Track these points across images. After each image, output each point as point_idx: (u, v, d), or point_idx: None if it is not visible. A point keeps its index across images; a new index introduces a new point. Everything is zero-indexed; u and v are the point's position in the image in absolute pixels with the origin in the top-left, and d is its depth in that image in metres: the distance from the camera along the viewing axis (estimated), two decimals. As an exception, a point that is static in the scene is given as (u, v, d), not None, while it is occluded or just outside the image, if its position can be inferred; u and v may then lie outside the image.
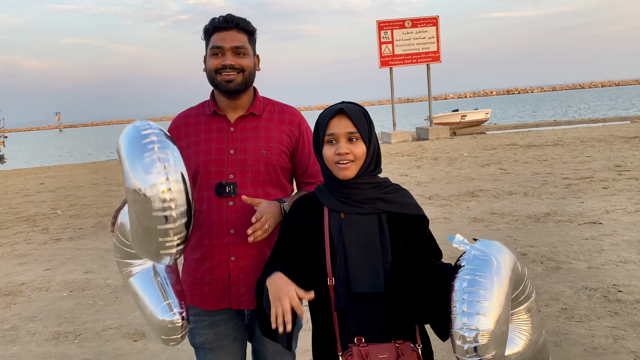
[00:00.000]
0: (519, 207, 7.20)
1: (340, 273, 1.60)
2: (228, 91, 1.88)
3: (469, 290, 1.35)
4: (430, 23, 20.54)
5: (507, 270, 1.40)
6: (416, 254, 1.65)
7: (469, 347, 1.32)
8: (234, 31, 1.87)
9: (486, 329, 1.32)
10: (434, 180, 10.08)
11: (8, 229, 8.60)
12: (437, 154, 14.61)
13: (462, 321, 1.33)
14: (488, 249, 1.43)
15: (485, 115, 27.85)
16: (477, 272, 1.37)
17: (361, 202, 1.63)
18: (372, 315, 1.61)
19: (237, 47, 1.86)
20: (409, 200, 1.69)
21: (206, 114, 1.96)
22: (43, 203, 11.23)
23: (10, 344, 3.98)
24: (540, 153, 12.70)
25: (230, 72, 1.85)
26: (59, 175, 17.37)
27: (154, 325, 1.66)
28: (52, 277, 5.63)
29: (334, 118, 1.62)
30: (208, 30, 1.90)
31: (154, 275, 1.67)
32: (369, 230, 1.61)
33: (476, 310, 1.32)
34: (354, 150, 1.61)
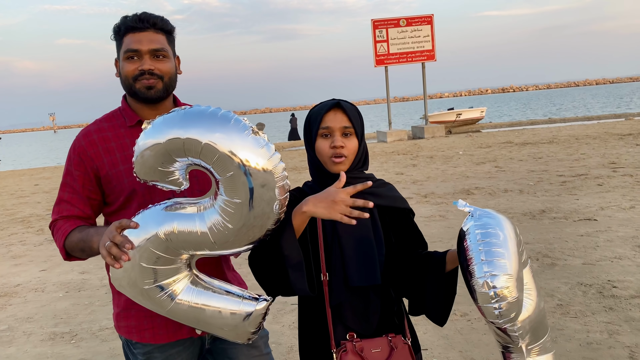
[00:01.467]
0: (515, 204, 7.22)
1: (337, 268, 1.60)
2: (148, 99, 1.68)
3: (483, 240, 1.39)
4: (425, 22, 20.56)
5: (510, 225, 1.48)
6: (405, 245, 1.70)
7: (493, 292, 1.35)
8: (151, 31, 1.66)
9: (507, 272, 1.36)
10: (429, 178, 10.10)
11: (3, 230, 8.57)
12: (432, 152, 14.64)
13: (482, 269, 1.36)
14: (489, 210, 1.51)
15: (480, 114, 27.91)
16: (488, 226, 1.43)
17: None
18: (368, 309, 1.62)
19: (155, 49, 1.66)
20: (396, 194, 1.73)
21: (127, 125, 1.73)
22: (38, 204, 11.19)
23: (6, 345, 3.97)
24: (536, 151, 12.74)
25: (149, 77, 1.66)
26: (53, 176, 17.29)
27: (240, 326, 1.52)
28: (47, 278, 5.62)
29: (329, 112, 1.63)
30: (119, 30, 1.68)
31: (200, 283, 1.53)
32: (363, 224, 1.62)
33: (495, 256, 1.37)
34: (347, 145, 1.62)
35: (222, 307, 1.50)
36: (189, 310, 1.50)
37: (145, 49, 1.65)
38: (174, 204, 1.46)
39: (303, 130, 1.72)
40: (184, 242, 1.43)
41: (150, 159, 1.39)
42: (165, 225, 1.42)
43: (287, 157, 17.00)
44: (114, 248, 1.39)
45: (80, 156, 1.70)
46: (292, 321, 3.94)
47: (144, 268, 1.44)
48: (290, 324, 3.90)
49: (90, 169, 1.69)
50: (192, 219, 1.42)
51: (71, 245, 1.64)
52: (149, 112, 1.73)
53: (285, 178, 1.41)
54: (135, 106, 1.75)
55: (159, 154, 1.38)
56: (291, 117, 28.22)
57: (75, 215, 1.70)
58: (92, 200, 1.72)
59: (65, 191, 1.72)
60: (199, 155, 1.36)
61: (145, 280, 1.46)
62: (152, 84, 1.67)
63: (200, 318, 1.51)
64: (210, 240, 1.42)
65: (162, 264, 1.45)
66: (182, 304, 1.49)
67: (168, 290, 1.48)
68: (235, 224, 1.39)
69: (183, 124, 1.36)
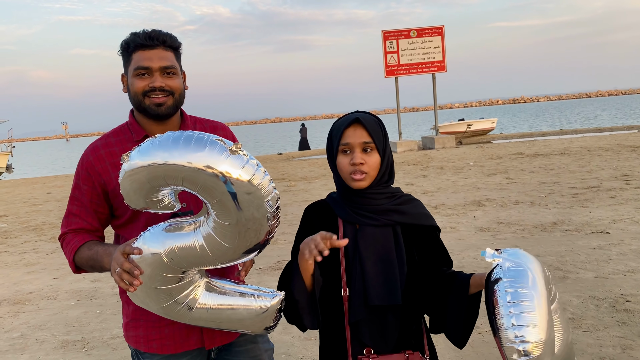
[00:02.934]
0: (526, 216, 7.18)
1: (357, 285, 1.59)
2: (159, 115, 1.71)
3: (513, 303, 1.36)
4: (435, 33, 20.61)
5: (541, 277, 1.43)
6: (429, 263, 1.68)
7: (525, 359, 1.33)
8: (161, 49, 1.69)
9: (539, 339, 1.33)
10: (440, 189, 10.08)
11: (16, 238, 8.66)
12: (443, 163, 14.61)
13: (513, 334, 1.34)
14: (519, 259, 1.46)
15: (491, 125, 27.83)
16: (517, 284, 1.38)
17: (376, 213, 1.63)
18: (386, 328, 1.61)
19: (166, 67, 1.69)
20: (422, 211, 1.70)
21: (134, 140, 1.74)
22: (50, 212, 11.30)
23: (19, 352, 4.00)
24: (547, 162, 12.68)
25: (159, 94, 1.68)
26: (65, 185, 17.45)
27: (257, 320, 1.59)
28: (60, 286, 5.67)
29: (349, 127, 1.62)
30: (128, 47, 1.70)
31: (215, 288, 1.58)
32: (385, 242, 1.62)
33: (526, 321, 1.34)
34: (368, 161, 1.60)
35: (239, 306, 1.57)
36: (208, 315, 1.56)
37: (156, 66, 1.68)
38: (173, 224, 1.50)
39: (326, 145, 1.72)
40: (186, 260, 1.47)
41: (135, 189, 1.41)
42: (167, 245, 1.45)
43: (297, 167, 17.04)
44: (124, 274, 1.42)
45: (88, 171, 1.73)
46: (302, 332, 3.94)
47: (157, 290, 1.49)
48: (300, 335, 3.90)
49: (97, 184, 1.72)
50: (189, 238, 1.45)
51: (81, 261, 1.68)
52: (157, 127, 1.75)
53: (273, 190, 1.42)
54: (143, 121, 1.77)
55: (142, 184, 1.40)
56: (301, 127, 28.32)
57: (83, 229, 1.73)
58: (100, 214, 1.75)
59: (74, 205, 1.75)
60: (181, 183, 1.38)
61: (161, 300, 1.51)
62: (162, 101, 1.70)
63: (219, 320, 1.57)
64: (209, 256, 1.46)
65: (173, 282, 1.49)
66: (201, 311, 1.55)
67: (185, 302, 1.53)
68: (229, 242, 1.44)
69: (159, 153, 1.35)
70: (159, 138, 1.39)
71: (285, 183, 12.86)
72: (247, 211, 1.38)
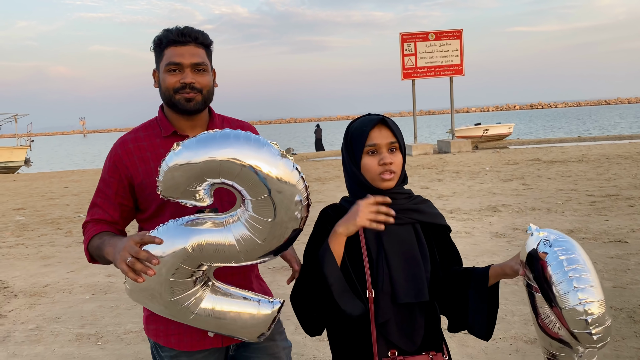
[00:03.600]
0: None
1: (384, 285, 1.58)
2: (188, 111, 1.74)
3: (571, 267, 1.41)
4: (454, 36, 20.50)
5: (582, 248, 1.51)
6: (443, 262, 1.71)
7: (591, 318, 1.37)
8: (193, 45, 1.72)
9: (601, 297, 1.39)
10: (455, 193, 10.01)
11: (33, 231, 8.78)
12: (458, 167, 14.51)
13: (577, 296, 1.37)
14: (560, 233, 1.54)
15: (508, 130, 27.62)
16: (569, 251, 1.44)
17: (397, 213, 1.62)
18: (413, 326, 1.61)
19: (197, 63, 1.72)
20: (435, 211, 1.74)
21: (162, 135, 1.77)
22: (67, 206, 11.43)
23: (34, 343, 4.05)
24: (564, 169, 12.53)
25: (190, 91, 1.71)
26: (82, 180, 17.67)
27: (256, 326, 1.61)
28: (75, 280, 5.73)
29: (374, 128, 1.63)
30: (161, 43, 1.73)
31: (219, 291, 1.59)
32: (408, 240, 1.63)
33: (587, 283, 1.39)
34: (395, 161, 1.62)
35: (242, 311, 1.58)
36: (210, 318, 1.56)
37: (187, 63, 1.71)
38: (197, 219, 1.51)
39: (344, 147, 1.70)
40: (211, 255, 1.48)
41: (181, 179, 1.43)
42: (193, 239, 1.46)
43: (311, 168, 17.05)
44: (137, 263, 1.41)
45: (116, 164, 1.75)
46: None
47: (170, 282, 1.50)
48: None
49: (124, 177, 1.74)
50: (219, 233, 1.47)
51: (92, 249, 1.70)
52: (185, 123, 1.78)
53: (307, 196, 1.49)
54: (172, 117, 1.79)
55: (192, 175, 1.42)
56: (316, 128, 28.34)
57: (104, 220, 1.76)
58: (124, 207, 1.77)
59: (99, 196, 1.78)
60: (234, 178, 1.41)
61: (171, 294, 1.51)
62: (192, 97, 1.72)
63: (220, 323, 1.58)
64: (237, 252, 1.47)
65: (186, 275, 1.50)
66: (203, 312, 1.55)
67: (191, 301, 1.54)
68: (262, 238, 1.46)
69: (219, 147, 1.40)
70: (216, 133, 1.43)
71: (300, 183, 12.85)
72: (286, 213, 1.45)
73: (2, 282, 5.75)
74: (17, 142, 27.54)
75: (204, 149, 1.40)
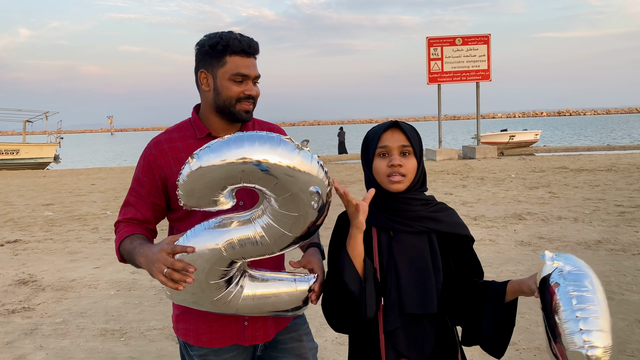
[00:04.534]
0: (568, 232, 6.98)
1: (392, 293, 1.58)
2: (244, 120, 1.78)
3: (580, 307, 1.32)
4: (481, 41, 20.30)
5: (599, 282, 1.41)
6: (461, 273, 1.66)
7: None
8: (254, 58, 1.77)
9: (608, 344, 1.30)
10: (480, 200, 9.90)
11: (61, 227, 8.96)
12: (483, 173, 14.35)
13: (582, 339, 1.29)
14: (578, 263, 1.43)
15: (534, 137, 27.20)
16: (582, 288, 1.35)
17: (411, 220, 1.62)
18: (422, 337, 1.58)
19: (257, 76, 1.78)
20: (457, 220, 1.68)
21: (197, 137, 1.79)
22: (94, 203, 11.65)
23: (60, 337, 4.14)
24: (592, 178, 12.29)
25: (250, 102, 1.76)
26: (109, 177, 17.98)
27: (295, 302, 1.67)
28: (100, 276, 5.83)
29: (387, 131, 1.64)
30: (225, 48, 1.71)
31: (256, 278, 1.65)
32: (420, 249, 1.60)
33: (595, 326, 1.30)
34: (406, 164, 1.61)
35: (281, 292, 1.65)
36: (254, 304, 1.63)
37: (253, 75, 1.76)
38: (224, 220, 1.54)
39: (361, 151, 1.73)
40: (245, 251, 1.52)
41: (202, 191, 1.46)
42: (225, 239, 1.50)
43: (334, 171, 17.05)
44: (175, 274, 1.46)
45: (150, 164, 1.78)
46: (335, 336, 3.93)
47: (211, 284, 1.54)
48: (333, 339, 3.89)
49: (158, 177, 1.77)
50: (249, 229, 1.51)
51: (123, 252, 1.74)
52: (224, 126, 1.81)
53: (330, 184, 1.53)
54: (212, 119, 1.80)
55: (212, 184, 1.44)
56: (339, 131, 28.32)
57: (135, 219, 1.79)
58: (156, 206, 1.80)
59: (132, 195, 1.82)
60: (257, 181, 1.43)
61: (214, 293, 1.56)
62: (250, 109, 1.78)
63: (264, 306, 1.65)
64: (268, 244, 1.52)
65: (225, 275, 1.55)
66: (246, 301, 1.62)
67: (233, 295, 1.59)
68: (289, 230, 1.50)
69: (236, 147, 1.42)
70: (229, 138, 1.45)
71: (322, 186, 12.86)
72: (309, 205, 1.47)
73: (31, 276, 5.89)
74: (47, 139, 28.16)
75: (219, 154, 1.42)
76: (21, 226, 9.10)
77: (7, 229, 8.87)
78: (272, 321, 1.83)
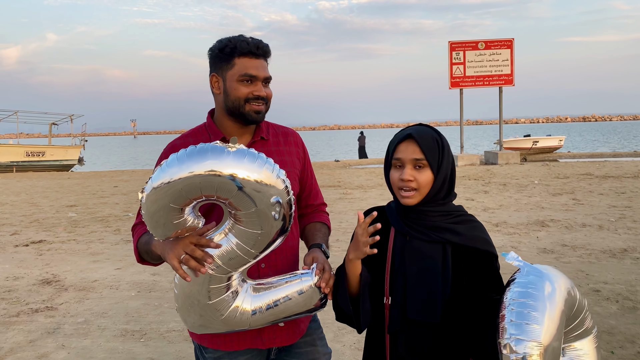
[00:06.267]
0: (593, 240, 6.84)
1: (398, 296, 1.58)
2: (255, 121, 1.79)
3: (518, 300, 1.31)
4: (504, 45, 20.10)
5: (561, 289, 1.35)
6: (477, 288, 1.59)
7: (515, 357, 1.26)
8: (263, 59, 1.78)
9: (536, 339, 1.26)
10: (502, 206, 9.77)
11: (84, 228, 9.11)
12: (506, 179, 14.17)
13: (509, 331, 1.28)
14: (542, 268, 1.40)
15: (558, 142, 26.79)
16: (529, 285, 1.33)
17: (428, 228, 1.60)
18: (424, 344, 1.57)
19: (267, 77, 1.78)
20: (479, 234, 1.62)
21: (211, 141, 1.73)
22: (116, 205, 11.82)
23: (82, 337, 4.19)
24: (618, 185, 12.04)
25: (260, 102, 1.76)
26: (132, 180, 18.23)
27: (309, 298, 1.66)
28: (122, 277, 5.90)
29: (402, 142, 1.61)
30: (234, 50, 1.74)
31: (261, 288, 1.65)
32: (431, 258, 1.58)
33: (525, 319, 1.28)
34: (418, 178, 1.58)
35: (289, 293, 1.64)
36: (265, 314, 1.62)
37: (262, 76, 1.76)
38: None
39: (385, 157, 1.72)
40: (230, 264, 1.53)
41: (162, 210, 1.45)
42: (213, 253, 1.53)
43: (354, 175, 17.01)
44: (192, 261, 1.46)
45: None
46: (353, 342, 3.91)
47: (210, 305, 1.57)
48: (351, 344, 3.87)
49: None
50: (225, 242, 1.52)
51: (140, 247, 1.75)
52: (238, 129, 1.82)
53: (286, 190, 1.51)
54: (226, 123, 1.82)
55: (172, 197, 1.43)
56: (360, 135, 28.29)
57: None
58: None
59: None
60: (215, 192, 1.43)
61: (218, 313, 1.59)
62: (261, 109, 1.77)
63: (279, 313, 1.64)
64: (249, 250, 1.52)
65: (222, 292, 1.57)
66: (257, 314, 1.61)
67: (239, 310, 1.60)
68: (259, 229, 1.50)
69: (188, 165, 1.41)
70: (181, 153, 1.46)
71: (341, 190, 12.86)
72: (260, 201, 1.46)
73: (54, 276, 5.99)
74: (72, 141, 28.71)
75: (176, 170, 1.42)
76: (46, 227, 9.28)
77: (32, 230, 9.04)
78: (291, 324, 1.82)
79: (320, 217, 1.99)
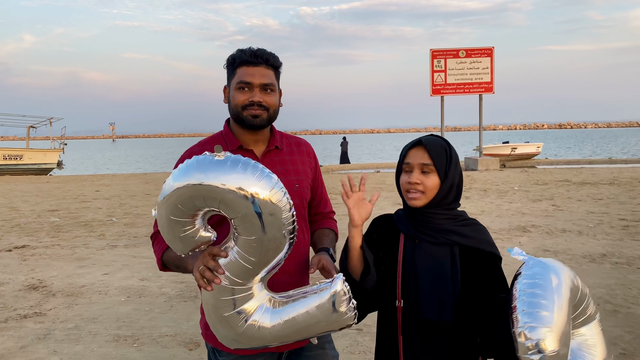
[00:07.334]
0: (573, 245, 7.03)
1: (410, 298, 1.66)
2: (253, 126, 1.83)
3: (527, 291, 1.39)
4: (485, 54, 20.46)
5: (566, 279, 1.45)
6: (482, 288, 1.69)
7: (531, 343, 1.34)
8: (263, 67, 1.82)
9: (548, 325, 1.34)
10: (483, 212, 9.95)
11: (67, 233, 9.02)
12: (486, 185, 14.41)
13: (523, 319, 1.36)
14: (546, 260, 1.50)
15: (536, 149, 27.30)
16: (536, 275, 1.42)
17: (435, 231, 1.69)
18: (437, 344, 1.66)
19: (265, 84, 1.82)
20: (483, 237, 1.73)
21: (228, 149, 1.85)
22: (99, 210, 11.70)
23: (74, 342, 4.18)
24: (595, 191, 12.35)
25: (257, 108, 1.81)
26: (113, 184, 18.05)
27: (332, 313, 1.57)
28: (110, 282, 5.88)
29: (412, 148, 1.73)
30: (234, 62, 1.84)
31: (279, 302, 1.63)
32: (441, 259, 1.67)
33: (536, 307, 1.36)
34: (425, 182, 1.68)
35: (308, 308, 1.58)
36: (285, 330, 1.59)
37: (257, 83, 1.81)
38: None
39: (397, 163, 1.81)
40: (237, 275, 1.55)
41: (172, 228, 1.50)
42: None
43: (337, 180, 17.09)
44: (207, 272, 1.52)
45: None
46: (345, 345, 3.98)
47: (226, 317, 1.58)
48: (343, 348, 3.94)
49: None
50: (232, 255, 1.55)
51: (168, 259, 1.79)
52: (249, 137, 1.90)
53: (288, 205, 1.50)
54: (238, 131, 1.90)
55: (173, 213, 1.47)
56: (342, 141, 28.42)
57: None
58: None
59: None
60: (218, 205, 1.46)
61: (236, 326, 1.58)
62: (258, 114, 1.82)
63: (298, 329, 1.60)
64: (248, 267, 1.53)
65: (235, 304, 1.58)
66: (278, 330, 1.59)
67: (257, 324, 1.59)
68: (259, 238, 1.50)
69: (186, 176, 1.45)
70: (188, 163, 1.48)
71: (326, 196, 12.92)
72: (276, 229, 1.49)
73: (41, 281, 5.94)
74: (51, 144, 28.27)
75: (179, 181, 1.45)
76: (28, 232, 9.16)
77: (14, 234, 8.92)
78: None
79: (328, 224, 2.07)
